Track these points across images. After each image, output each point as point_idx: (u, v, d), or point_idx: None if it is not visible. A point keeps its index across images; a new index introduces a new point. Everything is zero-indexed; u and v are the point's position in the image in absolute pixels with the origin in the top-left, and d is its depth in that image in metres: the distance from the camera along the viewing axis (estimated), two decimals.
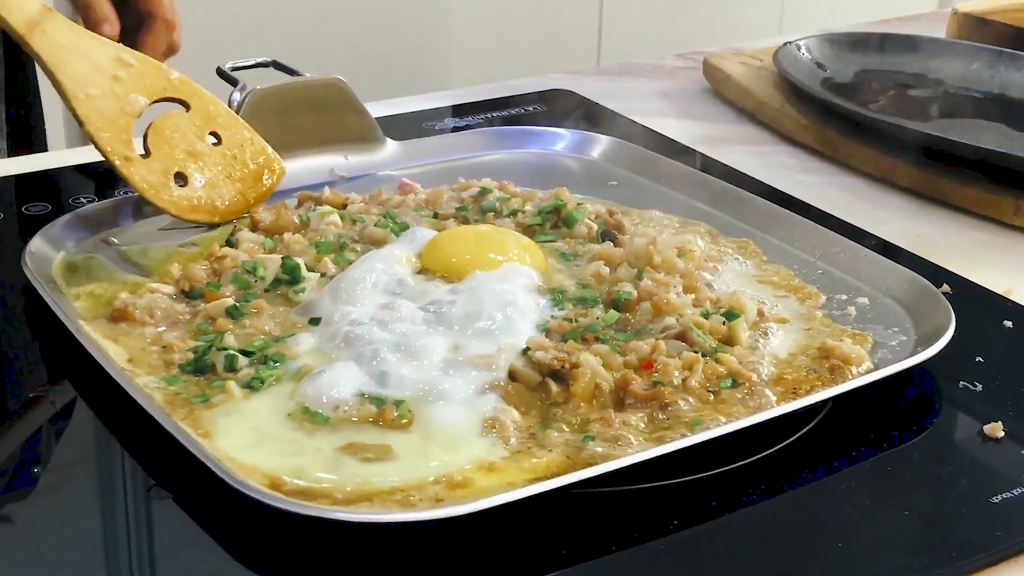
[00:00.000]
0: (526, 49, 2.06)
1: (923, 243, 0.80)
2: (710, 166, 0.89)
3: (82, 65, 0.72)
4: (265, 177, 0.77)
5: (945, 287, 0.71)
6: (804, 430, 0.59)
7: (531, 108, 0.98)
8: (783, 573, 0.51)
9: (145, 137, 0.74)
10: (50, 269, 0.68)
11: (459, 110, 0.98)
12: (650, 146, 0.88)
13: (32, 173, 0.85)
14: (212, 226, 0.75)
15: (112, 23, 0.83)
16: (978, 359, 0.65)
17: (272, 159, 0.78)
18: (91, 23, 0.83)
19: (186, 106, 0.75)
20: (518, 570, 0.51)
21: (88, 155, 0.84)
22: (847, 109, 0.94)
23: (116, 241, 0.73)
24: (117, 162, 0.73)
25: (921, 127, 0.93)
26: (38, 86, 1.03)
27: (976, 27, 1.15)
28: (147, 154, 0.74)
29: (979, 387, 0.63)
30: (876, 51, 1.08)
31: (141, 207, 0.75)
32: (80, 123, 0.73)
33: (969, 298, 0.72)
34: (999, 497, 0.55)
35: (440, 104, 0.99)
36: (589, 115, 0.98)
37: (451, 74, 2.01)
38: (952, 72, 1.06)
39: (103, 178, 0.83)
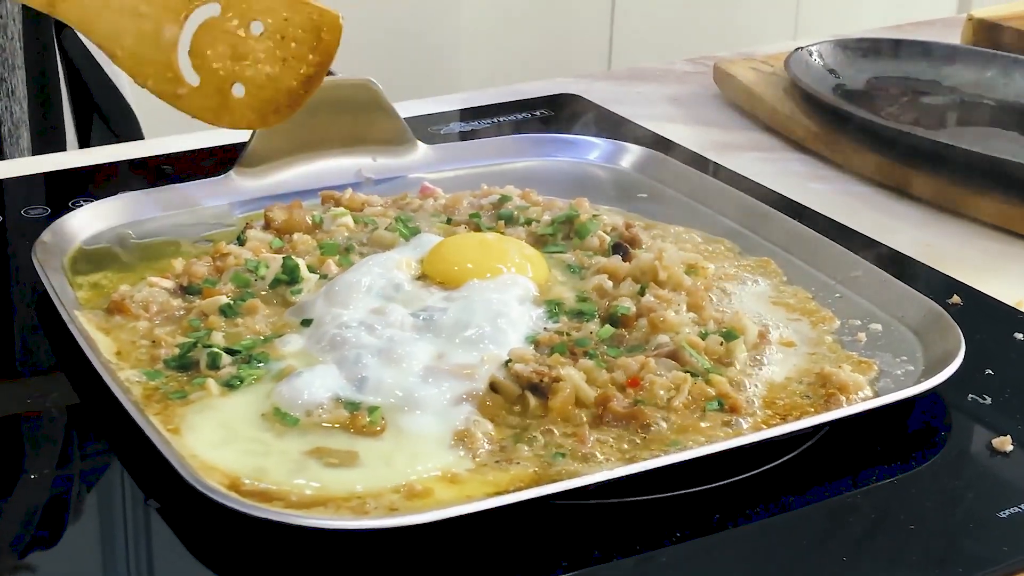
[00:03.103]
0: (536, 53, 2.05)
1: (934, 253, 0.78)
2: (719, 173, 0.88)
3: (108, 17, 0.70)
4: (324, 34, 0.72)
5: (956, 299, 0.70)
6: (805, 447, 0.57)
7: (539, 113, 0.98)
8: None
9: (190, 63, 0.72)
10: (61, 260, 0.69)
11: (466, 114, 0.97)
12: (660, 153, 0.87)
13: (32, 175, 0.85)
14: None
15: None
16: (988, 372, 0.64)
17: (321, 14, 0.73)
18: None
19: (217, 8, 0.72)
20: None
21: (89, 158, 0.84)
22: (859, 116, 0.93)
23: (132, 234, 0.73)
24: (172, 103, 0.71)
25: (934, 135, 0.92)
26: (59, 86, 1.03)
27: (991, 33, 1.13)
28: (199, 80, 0.72)
29: (988, 400, 0.62)
30: (889, 57, 1.07)
31: (157, 201, 0.75)
32: (129, 75, 0.71)
33: (980, 310, 0.70)
34: (1007, 512, 0.54)
35: (447, 108, 0.98)
36: (598, 120, 0.97)
37: (459, 77, 2.01)
38: (966, 79, 1.04)
39: (104, 180, 0.83)
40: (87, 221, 0.73)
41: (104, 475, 0.57)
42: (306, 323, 0.64)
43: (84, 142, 1.05)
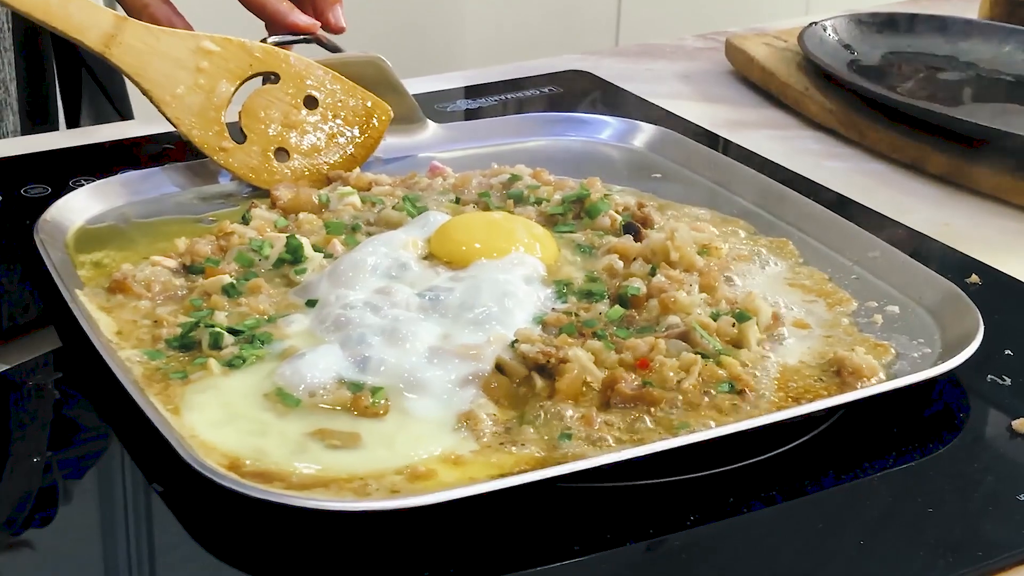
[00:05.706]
0: (542, 28, 2.03)
1: (952, 232, 0.77)
2: (732, 151, 0.86)
3: (164, 66, 0.72)
4: (374, 121, 0.76)
5: (974, 278, 0.69)
6: (818, 430, 0.56)
7: (546, 90, 0.96)
8: (803, 571, 0.50)
9: (240, 121, 0.74)
10: (63, 238, 0.68)
11: (472, 91, 0.96)
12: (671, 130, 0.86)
13: (31, 154, 0.84)
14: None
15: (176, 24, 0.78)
16: (1007, 352, 0.63)
17: (375, 106, 0.77)
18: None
19: (277, 76, 0.75)
20: (486, 564, 0.49)
21: (88, 136, 0.83)
22: (874, 92, 0.91)
23: (135, 212, 0.73)
24: (214, 156, 0.74)
25: (951, 111, 0.90)
26: (53, 63, 1.02)
27: (1009, 8, 1.11)
28: (244, 138, 0.74)
29: (1008, 381, 0.61)
30: (905, 32, 1.05)
31: (162, 179, 0.75)
32: (172, 124, 0.73)
33: (999, 289, 0.69)
34: None
35: (453, 85, 0.97)
36: (606, 98, 0.96)
37: (464, 54, 1.99)
38: (983, 54, 1.03)
39: (104, 158, 0.82)
40: (91, 199, 0.73)
41: (104, 456, 0.56)
42: (311, 303, 0.63)
43: (73, 120, 1.04)
